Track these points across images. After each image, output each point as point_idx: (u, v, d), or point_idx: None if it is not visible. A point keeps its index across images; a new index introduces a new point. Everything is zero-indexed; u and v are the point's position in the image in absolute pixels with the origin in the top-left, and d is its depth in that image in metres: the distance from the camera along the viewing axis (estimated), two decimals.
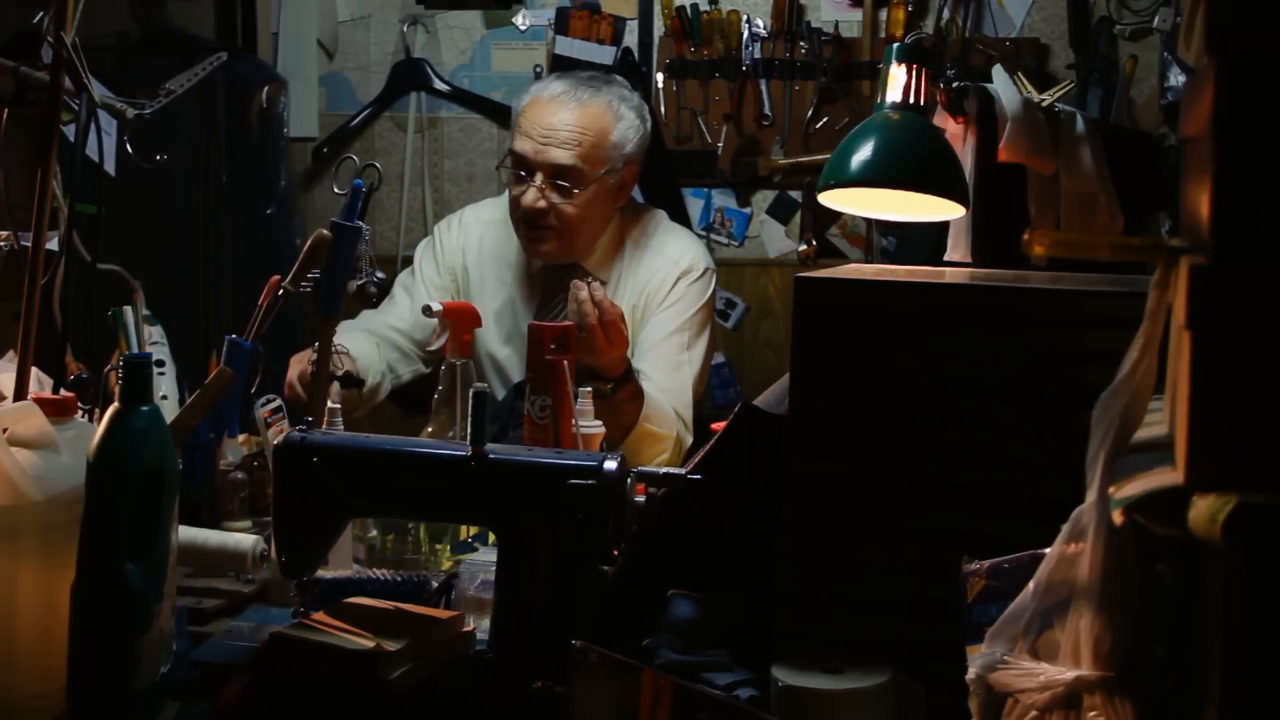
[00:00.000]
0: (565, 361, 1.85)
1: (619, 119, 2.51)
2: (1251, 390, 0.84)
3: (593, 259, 2.56)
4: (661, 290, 2.55)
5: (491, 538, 1.73)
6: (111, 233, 2.07)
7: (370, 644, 1.31)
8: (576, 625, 1.30)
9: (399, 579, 1.59)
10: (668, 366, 2.50)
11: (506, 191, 2.70)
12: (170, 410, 1.88)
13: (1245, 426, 0.84)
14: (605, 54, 3.64)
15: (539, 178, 2.45)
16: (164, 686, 1.30)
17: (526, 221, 2.48)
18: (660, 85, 3.65)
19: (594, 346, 2.16)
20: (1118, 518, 0.90)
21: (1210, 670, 0.85)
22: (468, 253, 2.66)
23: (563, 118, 2.46)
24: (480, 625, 1.44)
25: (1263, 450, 0.83)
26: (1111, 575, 0.95)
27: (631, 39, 3.66)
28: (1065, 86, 2.00)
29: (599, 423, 1.97)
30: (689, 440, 2.48)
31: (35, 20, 1.75)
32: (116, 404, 1.26)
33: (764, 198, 3.70)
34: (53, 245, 1.81)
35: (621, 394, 2.28)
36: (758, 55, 3.60)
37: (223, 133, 3.32)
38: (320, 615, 1.39)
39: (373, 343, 2.52)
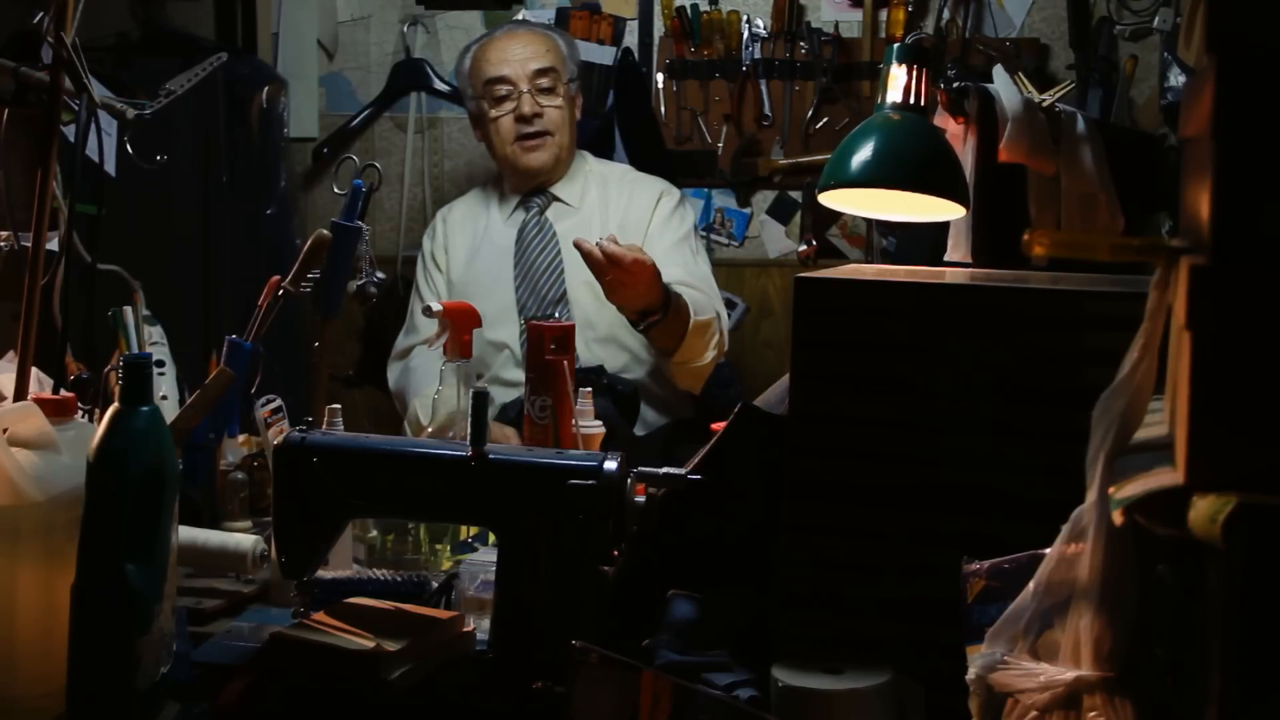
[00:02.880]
0: (565, 362, 1.85)
1: (559, 39, 2.91)
2: (1251, 390, 0.84)
3: (561, 183, 2.86)
4: (645, 213, 2.83)
5: (491, 538, 1.73)
6: (111, 233, 2.07)
7: (370, 644, 1.31)
8: (576, 625, 1.30)
9: (399, 579, 1.59)
10: (687, 262, 2.76)
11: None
12: (170, 410, 1.88)
13: (1245, 426, 0.84)
14: (605, 54, 3.63)
15: (525, 84, 2.79)
16: (164, 687, 1.30)
17: (522, 133, 2.78)
18: (660, 86, 3.65)
19: (625, 283, 2.33)
20: (1118, 518, 0.90)
21: (1210, 670, 0.85)
22: (448, 233, 2.94)
23: (523, 41, 2.85)
24: (480, 625, 1.44)
25: (1263, 450, 0.83)
26: (1111, 575, 0.95)
27: (631, 39, 3.66)
28: (1065, 87, 2.00)
29: (599, 423, 1.98)
30: (726, 315, 2.76)
31: (35, 20, 1.75)
32: (116, 404, 1.26)
33: (764, 198, 3.69)
34: (53, 245, 1.81)
35: (670, 316, 2.45)
36: (758, 56, 3.59)
37: (223, 133, 3.32)
38: (320, 615, 1.39)
39: None
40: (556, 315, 2.67)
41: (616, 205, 2.85)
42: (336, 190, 2.24)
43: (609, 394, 2.55)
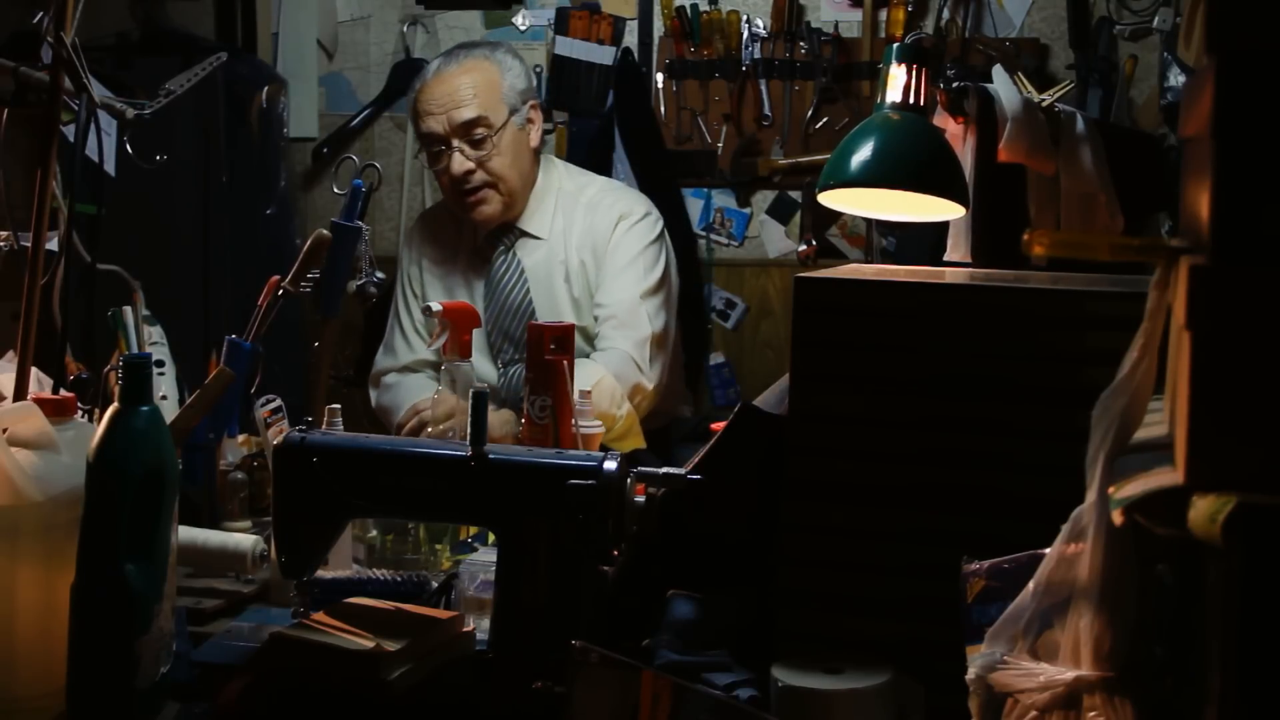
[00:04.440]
0: (565, 362, 1.85)
1: (501, 64, 2.66)
2: (1251, 390, 0.84)
3: (525, 215, 2.69)
4: (603, 240, 2.67)
5: (491, 538, 1.73)
6: (111, 233, 2.06)
7: (370, 644, 1.31)
8: (576, 625, 1.30)
9: (399, 579, 1.59)
10: (625, 288, 2.62)
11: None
12: (170, 410, 1.88)
13: (1245, 426, 0.84)
14: (605, 54, 3.64)
15: (455, 143, 2.58)
16: (164, 687, 1.30)
17: (460, 190, 2.60)
18: (660, 85, 3.65)
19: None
20: (1118, 518, 0.90)
21: (1210, 670, 0.85)
22: (420, 251, 2.80)
23: (452, 84, 2.60)
24: (480, 625, 1.44)
25: (1263, 450, 0.83)
26: (1111, 575, 0.95)
27: (631, 39, 3.66)
28: (1065, 86, 2.00)
29: (599, 423, 1.98)
30: (650, 384, 2.57)
31: (35, 20, 1.75)
32: (116, 404, 1.26)
33: (764, 198, 3.70)
34: (53, 245, 1.81)
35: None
36: (757, 55, 3.60)
37: (223, 133, 3.32)
38: (320, 615, 1.39)
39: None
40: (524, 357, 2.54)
41: (579, 232, 2.70)
42: (336, 190, 2.25)
43: None
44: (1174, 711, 0.96)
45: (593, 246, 2.67)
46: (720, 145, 3.64)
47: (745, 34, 3.59)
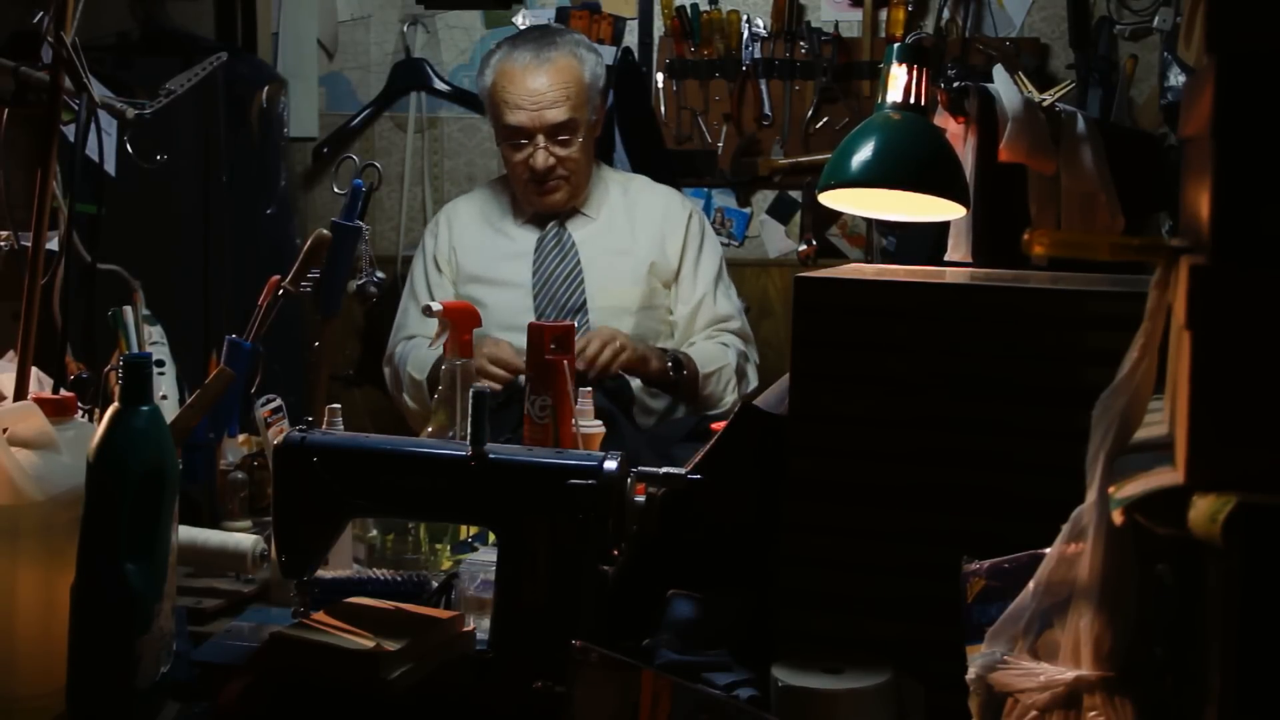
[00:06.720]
0: (565, 361, 1.85)
1: (584, 61, 2.76)
2: (1251, 390, 0.84)
3: (579, 197, 2.83)
4: (678, 230, 2.85)
5: (491, 538, 1.73)
6: (111, 233, 2.07)
7: (370, 644, 1.31)
8: (576, 625, 1.30)
9: (399, 579, 1.59)
10: (730, 295, 2.90)
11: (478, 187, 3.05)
12: (170, 410, 1.88)
13: (1245, 426, 0.84)
14: (605, 54, 3.62)
15: (540, 139, 2.70)
16: (164, 686, 1.30)
17: (536, 180, 2.73)
18: (660, 85, 3.65)
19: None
20: (1118, 518, 0.91)
21: (1210, 670, 0.85)
22: (453, 233, 2.89)
23: (543, 80, 2.70)
24: (480, 625, 1.44)
25: (1263, 450, 0.83)
26: (1111, 575, 0.95)
27: (631, 39, 3.66)
28: (1065, 86, 2.00)
29: (599, 423, 1.98)
30: (753, 381, 2.83)
31: (35, 20, 1.75)
32: (116, 404, 1.26)
33: (764, 198, 3.69)
34: (53, 245, 1.81)
35: (684, 383, 2.68)
36: (758, 55, 3.59)
37: (223, 133, 3.31)
38: (320, 615, 1.39)
39: None
40: (576, 324, 2.65)
41: (647, 215, 2.86)
42: (336, 190, 2.24)
43: (603, 390, 2.54)
44: (1174, 711, 0.96)
45: (671, 235, 2.83)
46: (720, 145, 3.64)
47: (745, 34, 3.58)
